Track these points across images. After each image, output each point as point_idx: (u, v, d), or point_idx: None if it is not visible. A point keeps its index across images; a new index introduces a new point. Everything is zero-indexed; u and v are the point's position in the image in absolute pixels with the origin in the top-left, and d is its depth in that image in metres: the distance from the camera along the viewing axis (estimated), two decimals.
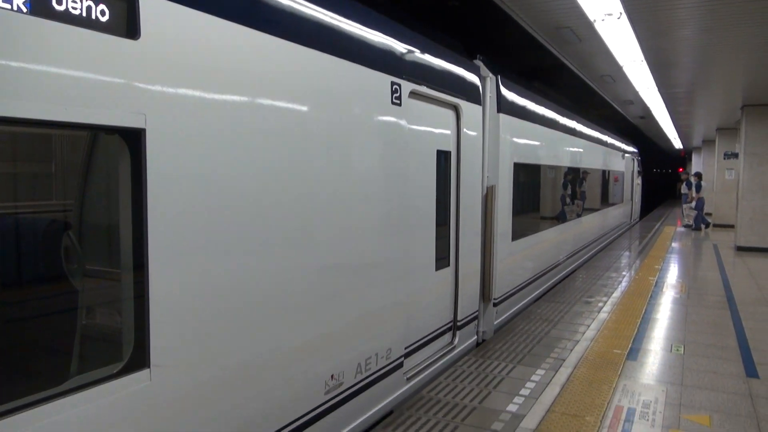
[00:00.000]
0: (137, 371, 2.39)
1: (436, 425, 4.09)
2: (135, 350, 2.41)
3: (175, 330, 2.54)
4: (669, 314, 7.41)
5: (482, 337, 6.49)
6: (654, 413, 4.30)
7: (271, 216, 3.09)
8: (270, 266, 3.08)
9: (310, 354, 3.47)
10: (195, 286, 2.63)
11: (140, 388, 2.39)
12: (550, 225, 9.70)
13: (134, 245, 2.41)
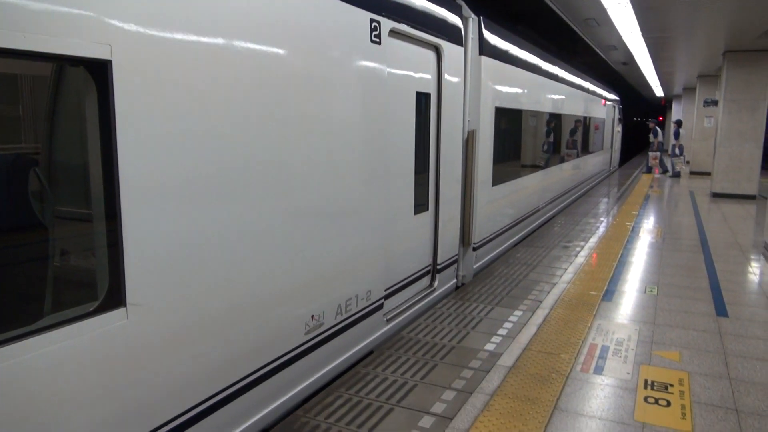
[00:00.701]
0: (113, 310, 2.36)
1: (415, 363, 4.17)
2: (110, 289, 2.37)
3: (151, 269, 2.51)
4: (644, 258, 7.55)
5: (462, 280, 6.57)
6: (627, 350, 4.42)
7: (248, 158, 3.02)
8: (247, 208, 3.04)
9: (290, 295, 3.47)
10: (170, 225, 2.59)
11: (117, 327, 2.38)
12: (531, 171, 9.72)
13: (105, 183, 2.35)
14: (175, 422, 2.69)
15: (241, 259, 3.02)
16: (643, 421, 3.37)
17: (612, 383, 3.86)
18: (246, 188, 3.02)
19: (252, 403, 3.23)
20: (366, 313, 4.38)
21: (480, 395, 3.67)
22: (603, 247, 8.18)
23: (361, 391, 3.74)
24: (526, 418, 3.37)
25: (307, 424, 3.33)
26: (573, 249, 8.09)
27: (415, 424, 3.33)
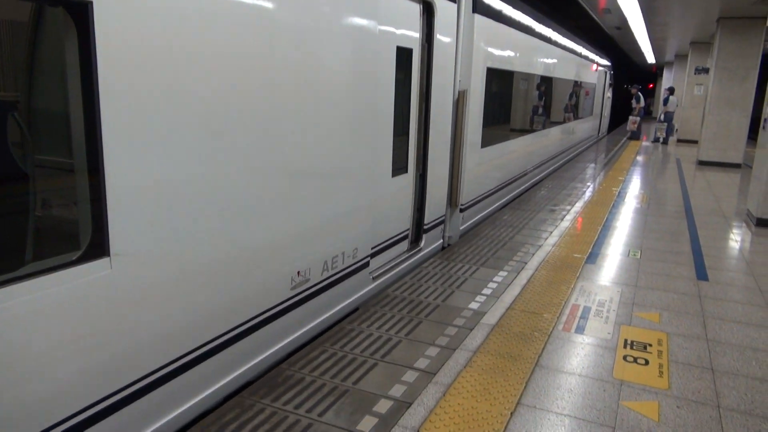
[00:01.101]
0: (96, 259, 2.34)
1: (400, 320, 4.21)
2: (93, 238, 2.34)
3: (135, 219, 2.48)
4: (629, 222, 7.62)
5: (448, 241, 6.59)
6: (608, 311, 4.50)
7: (236, 109, 2.96)
8: (234, 160, 2.99)
9: (276, 250, 3.46)
10: (154, 175, 2.54)
11: (101, 276, 2.36)
12: (520, 134, 9.69)
13: (87, 130, 2.29)
14: (159, 373, 2.70)
15: (227, 211, 2.99)
16: (622, 378, 3.45)
17: (592, 342, 3.93)
18: (233, 139, 2.97)
19: (237, 356, 3.25)
20: (352, 271, 4.39)
21: (463, 352, 3.72)
22: (589, 212, 8.23)
23: (345, 346, 3.77)
24: (507, 374, 3.44)
25: (291, 377, 3.37)
26: (559, 213, 8.13)
27: (398, 379, 3.37)
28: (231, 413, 2.97)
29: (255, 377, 3.46)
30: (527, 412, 3.07)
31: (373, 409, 3.05)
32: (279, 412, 3.00)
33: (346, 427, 2.88)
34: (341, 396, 3.17)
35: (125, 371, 2.54)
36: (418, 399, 3.16)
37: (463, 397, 3.17)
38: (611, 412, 3.09)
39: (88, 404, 2.37)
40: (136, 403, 2.60)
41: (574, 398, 3.22)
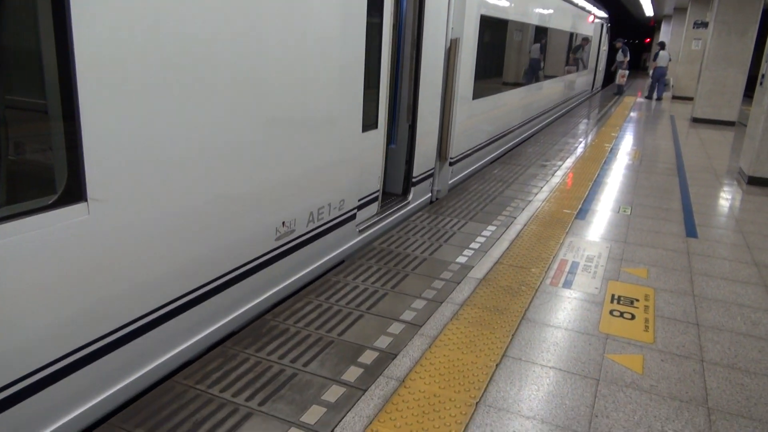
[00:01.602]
0: (73, 204, 2.30)
1: (386, 273, 4.23)
2: (69, 182, 2.29)
3: (113, 163, 2.42)
4: (620, 179, 7.65)
5: (436, 195, 6.59)
6: (596, 266, 4.55)
7: (220, 50, 2.87)
8: (218, 104, 2.92)
9: (260, 200, 3.43)
10: (133, 115, 2.48)
11: (77, 223, 2.32)
12: (513, 87, 9.59)
13: (60, 66, 2.21)
14: (138, 323, 2.70)
15: (209, 158, 2.94)
16: (607, 332, 3.51)
17: (579, 297, 3.98)
18: (214, 84, 2.89)
19: (220, 306, 3.26)
20: (338, 223, 4.38)
21: (450, 305, 3.76)
22: (580, 167, 8.24)
23: (331, 298, 3.80)
24: (494, 327, 3.48)
25: (275, 327, 3.39)
26: (550, 168, 8.13)
27: (384, 330, 3.41)
28: (214, 362, 3.00)
29: (239, 328, 3.48)
30: (513, 364, 3.12)
31: (358, 360, 3.09)
32: (263, 362, 3.03)
33: (331, 377, 2.92)
34: (326, 347, 3.21)
35: (104, 320, 2.53)
36: (404, 350, 3.20)
37: (449, 349, 3.22)
38: (596, 364, 3.15)
39: (64, 353, 2.37)
40: (116, 353, 2.61)
41: (560, 351, 3.27)
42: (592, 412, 2.74)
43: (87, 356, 2.47)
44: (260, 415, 2.60)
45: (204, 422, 2.53)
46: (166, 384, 2.82)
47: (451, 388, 2.86)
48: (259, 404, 2.68)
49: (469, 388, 2.86)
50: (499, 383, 2.93)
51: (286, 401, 2.71)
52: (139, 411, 2.59)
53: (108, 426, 2.48)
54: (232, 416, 2.59)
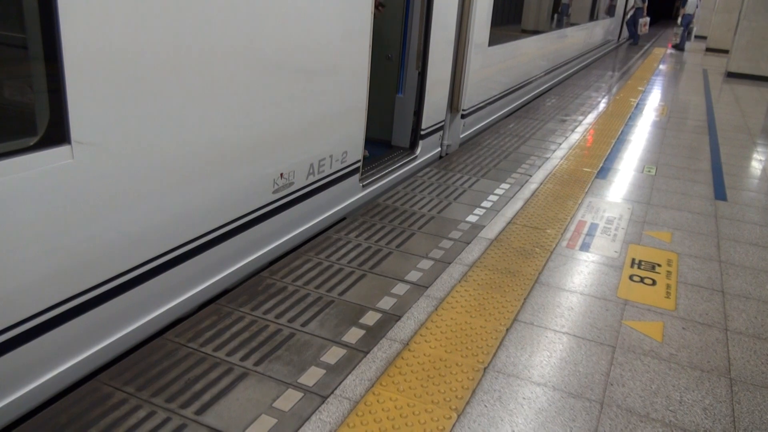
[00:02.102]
0: (55, 146, 2.28)
1: (391, 231, 4.24)
2: (51, 123, 2.27)
3: (99, 103, 2.39)
4: (646, 136, 7.58)
5: (446, 150, 6.55)
6: (616, 229, 4.54)
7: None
8: (211, 48, 2.87)
9: (258, 148, 3.40)
10: (121, 54, 2.44)
11: (61, 167, 2.31)
12: (532, 34, 9.42)
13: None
14: (125, 277, 2.71)
15: (202, 102, 2.91)
16: (626, 298, 3.53)
17: (597, 260, 3.99)
18: (209, 23, 2.83)
19: (214, 262, 3.28)
20: (341, 176, 4.37)
21: (458, 266, 3.77)
22: (602, 124, 8.16)
23: (332, 256, 3.81)
24: (505, 290, 3.50)
25: (272, 285, 3.41)
26: (570, 123, 8.06)
27: (388, 291, 3.43)
28: (207, 320, 3.03)
29: (233, 285, 3.51)
30: (524, 328, 3.15)
31: (359, 321, 3.12)
32: (259, 321, 3.06)
33: (330, 338, 2.95)
34: (326, 307, 3.23)
35: (89, 273, 2.54)
36: (409, 312, 3.22)
37: (456, 312, 3.24)
38: (612, 331, 3.18)
39: (47, 307, 2.38)
40: (102, 307, 2.63)
41: (574, 316, 3.30)
42: (607, 380, 2.77)
43: (71, 310, 2.49)
44: (256, 376, 2.64)
45: (196, 381, 2.58)
46: (156, 341, 2.85)
47: (458, 352, 2.90)
48: (255, 364, 2.72)
49: (477, 353, 2.90)
50: (509, 348, 2.96)
51: (283, 362, 2.75)
52: (127, 368, 2.63)
53: (94, 383, 2.53)
54: (226, 376, 2.63)
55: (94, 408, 2.37)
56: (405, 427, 2.38)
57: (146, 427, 2.29)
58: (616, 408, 2.59)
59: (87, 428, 2.26)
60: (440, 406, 2.51)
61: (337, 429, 2.35)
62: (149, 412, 2.38)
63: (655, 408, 2.61)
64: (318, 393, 2.56)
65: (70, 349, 2.55)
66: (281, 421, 2.37)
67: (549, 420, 2.48)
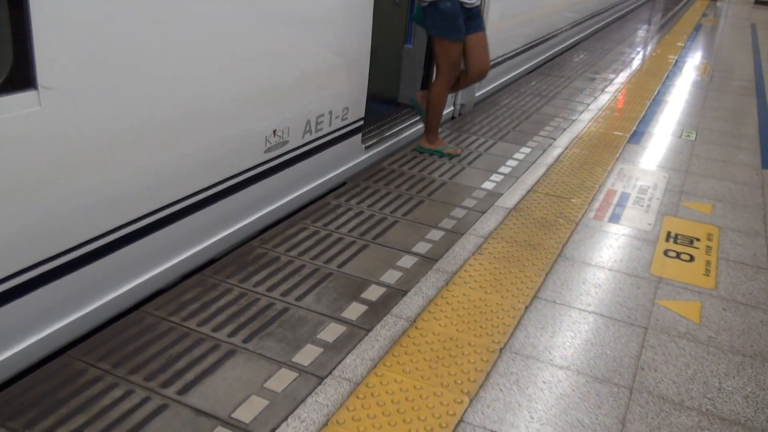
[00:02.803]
0: (19, 91, 2.25)
1: (397, 198, 4.22)
2: (15, 64, 2.24)
3: (71, 44, 2.36)
4: (685, 97, 7.52)
5: (459, 110, 6.50)
6: (650, 199, 4.52)
7: None
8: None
9: (247, 102, 3.37)
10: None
11: (26, 115, 2.28)
12: None
13: None
14: (99, 242, 2.70)
15: (187, 45, 2.87)
16: (660, 275, 3.52)
17: (629, 233, 3.98)
18: None
19: (198, 228, 3.27)
20: (341, 135, 4.34)
21: (472, 237, 3.76)
22: (636, 82, 8.10)
23: (330, 225, 3.80)
24: (524, 264, 3.49)
25: (264, 255, 3.41)
26: (600, 82, 7.99)
27: (393, 264, 3.43)
28: (191, 292, 3.03)
29: (220, 255, 3.51)
30: (545, 306, 3.14)
31: (361, 296, 3.12)
32: (248, 294, 3.06)
33: (328, 314, 2.95)
34: (323, 279, 3.23)
35: (58, 237, 2.53)
36: (416, 287, 3.22)
37: (469, 287, 3.24)
38: (644, 311, 3.17)
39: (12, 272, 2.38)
40: (72, 276, 2.63)
41: (602, 294, 3.29)
42: (637, 364, 2.77)
43: (38, 278, 2.48)
44: (244, 353, 2.64)
45: (179, 359, 2.58)
46: (133, 314, 2.86)
47: (471, 331, 2.90)
48: (244, 341, 2.72)
49: (493, 333, 2.90)
50: (528, 328, 2.96)
51: (275, 339, 2.75)
52: (101, 343, 2.63)
53: (65, 358, 2.53)
54: (212, 353, 2.63)
55: (64, 386, 2.38)
56: (411, 411, 2.38)
57: (123, 406, 2.30)
58: (647, 394, 2.59)
59: (57, 407, 2.27)
60: (450, 390, 2.52)
61: (336, 412, 2.35)
62: (126, 390, 2.38)
63: (691, 395, 2.62)
64: (314, 373, 2.56)
65: (37, 321, 2.55)
66: (273, 403, 2.38)
67: (572, 406, 2.49)
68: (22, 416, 2.22)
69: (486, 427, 2.34)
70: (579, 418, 2.43)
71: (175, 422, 2.25)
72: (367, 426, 2.30)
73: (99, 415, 2.25)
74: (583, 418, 2.43)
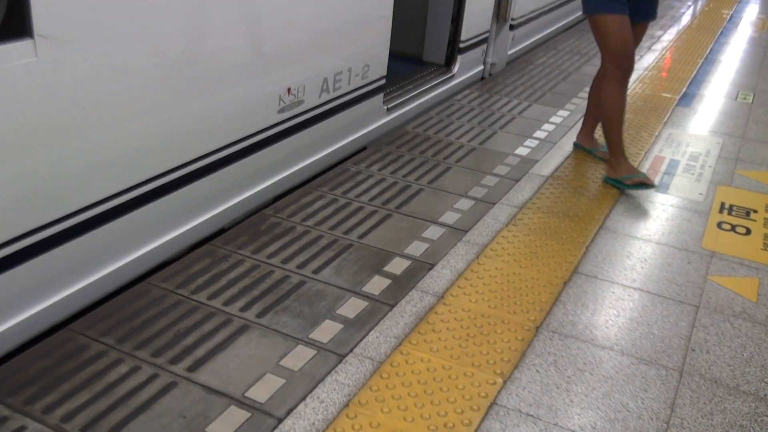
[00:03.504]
0: (15, 40, 2.25)
1: (422, 165, 4.21)
2: (9, 10, 2.24)
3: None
4: (741, 56, 7.42)
5: (490, 69, 6.45)
6: (702, 167, 4.47)
7: None
8: None
9: (257, 57, 3.36)
10: None
11: (22, 66, 2.28)
12: None
13: None
14: (100, 208, 2.72)
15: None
16: (713, 249, 3.49)
17: (678, 204, 3.94)
18: None
19: (207, 195, 3.28)
20: (361, 95, 4.32)
21: (505, 207, 3.75)
22: (686, 40, 7.98)
23: (349, 192, 3.80)
24: (562, 237, 3.48)
25: (278, 225, 3.42)
26: (646, 39, 7.86)
27: (418, 234, 3.43)
28: (200, 263, 3.05)
29: (230, 224, 3.52)
30: (585, 282, 3.13)
31: (383, 269, 3.12)
32: (262, 266, 3.07)
33: (348, 288, 2.96)
34: (342, 251, 3.24)
35: (57, 201, 2.55)
36: (444, 260, 3.22)
37: (502, 261, 3.23)
38: (696, 287, 3.15)
39: (9, 238, 2.40)
40: (72, 244, 2.65)
41: (648, 269, 3.27)
42: (688, 345, 2.76)
43: (32, 246, 2.50)
44: (258, 329, 2.66)
45: (188, 334, 2.60)
46: (139, 286, 2.89)
47: (505, 308, 2.89)
48: (258, 316, 2.74)
49: (528, 310, 2.89)
50: (566, 305, 2.96)
51: (291, 314, 2.77)
52: (105, 316, 2.66)
53: (66, 332, 2.57)
54: (224, 328, 2.65)
55: (66, 361, 2.41)
56: (439, 393, 2.39)
57: (129, 383, 2.33)
58: (698, 378, 2.58)
59: (59, 383, 2.30)
60: (482, 370, 2.52)
61: (358, 392, 2.37)
62: (132, 367, 2.41)
63: (747, 379, 2.60)
64: (334, 351, 2.58)
65: (37, 292, 2.58)
66: (290, 382, 2.40)
67: (615, 389, 2.48)
68: (22, 392, 2.26)
69: (521, 411, 2.35)
70: (623, 402, 2.42)
71: (185, 400, 2.28)
72: (391, 407, 2.31)
73: (104, 392, 2.28)
74: (628, 402, 2.43)
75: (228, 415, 2.24)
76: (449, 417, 2.29)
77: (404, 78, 5.22)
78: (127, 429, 2.15)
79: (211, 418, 2.22)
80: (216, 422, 2.21)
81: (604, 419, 2.34)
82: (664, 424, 2.34)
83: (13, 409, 2.19)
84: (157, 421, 2.19)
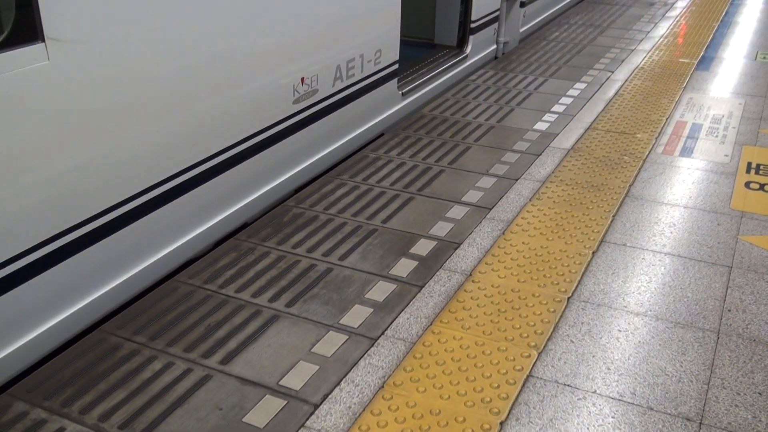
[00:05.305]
0: (27, 45, 2.26)
1: (441, 146, 4.17)
2: (19, 17, 2.24)
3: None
4: (758, 16, 7.29)
5: (503, 48, 6.38)
6: (726, 129, 4.40)
7: None
8: None
9: (270, 48, 3.35)
10: None
11: (35, 70, 2.29)
12: None
13: None
14: (121, 209, 2.72)
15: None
16: (743, 209, 3.43)
17: (704, 167, 3.88)
18: None
19: (227, 190, 3.27)
20: (374, 82, 4.30)
21: (527, 182, 3.71)
22: (701, 4, 7.86)
23: (370, 178, 3.78)
24: (588, 207, 3.43)
25: (301, 215, 3.41)
26: (659, 7, 7.78)
27: (441, 215, 3.40)
28: (226, 258, 3.05)
29: (253, 218, 3.52)
30: (614, 251, 3.09)
31: (409, 251, 3.10)
32: (288, 256, 3.06)
33: (376, 272, 2.95)
34: (367, 236, 3.22)
35: (79, 205, 2.55)
36: (469, 238, 3.19)
37: (528, 235, 3.20)
38: (727, 248, 3.10)
39: (29, 246, 2.40)
40: (98, 246, 2.65)
41: (678, 234, 3.22)
42: (723, 305, 2.71)
43: (58, 251, 2.51)
44: (289, 318, 2.66)
45: (218, 327, 2.60)
46: (166, 284, 2.89)
47: (534, 281, 2.86)
48: (287, 305, 2.73)
49: (558, 281, 2.86)
50: (597, 275, 2.92)
51: (320, 301, 2.76)
52: (135, 316, 2.67)
53: (99, 333, 2.58)
54: (254, 320, 2.65)
55: (101, 361, 2.42)
56: (474, 369, 2.37)
57: (164, 379, 2.34)
58: (736, 337, 2.53)
59: (95, 383, 2.32)
60: (516, 344, 2.49)
61: (392, 374, 2.35)
62: (166, 363, 2.42)
63: None
64: (365, 335, 2.56)
65: (64, 296, 2.59)
66: (323, 368, 2.39)
67: (653, 354, 2.44)
68: (59, 394, 2.27)
69: (558, 381, 2.32)
70: (662, 367, 2.38)
71: (220, 393, 2.28)
72: (427, 386, 2.30)
73: (139, 390, 2.29)
74: (666, 366, 2.39)
75: (264, 404, 2.24)
76: (485, 392, 2.27)
77: (418, 62, 5.19)
78: (164, 424, 2.16)
79: (248, 409, 2.22)
80: (252, 412, 2.20)
81: (643, 384, 2.30)
82: (704, 385, 2.30)
83: (51, 412, 2.21)
84: (194, 415, 2.19)
